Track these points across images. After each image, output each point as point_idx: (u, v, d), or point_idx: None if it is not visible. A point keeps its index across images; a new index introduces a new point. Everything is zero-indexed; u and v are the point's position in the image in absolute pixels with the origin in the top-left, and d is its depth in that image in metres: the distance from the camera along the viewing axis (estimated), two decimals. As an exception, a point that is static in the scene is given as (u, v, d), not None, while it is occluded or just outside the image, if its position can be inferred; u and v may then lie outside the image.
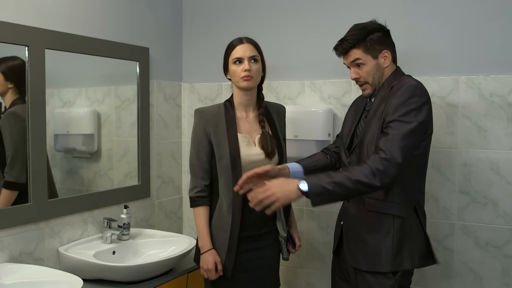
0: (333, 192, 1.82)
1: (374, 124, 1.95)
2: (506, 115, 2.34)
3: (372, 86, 2.04)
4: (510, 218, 2.35)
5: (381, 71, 2.02)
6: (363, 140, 1.99)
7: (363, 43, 2.00)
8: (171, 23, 3.09)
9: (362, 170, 1.81)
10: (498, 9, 2.34)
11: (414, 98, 1.87)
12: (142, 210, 2.88)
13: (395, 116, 1.86)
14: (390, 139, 1.83)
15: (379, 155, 1.81)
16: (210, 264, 2.10)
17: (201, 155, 2.16)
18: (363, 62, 2.01)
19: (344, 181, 1.81)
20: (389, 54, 2.01)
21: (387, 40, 2.03)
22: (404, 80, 1.97)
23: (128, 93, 2.85)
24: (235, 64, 2.15)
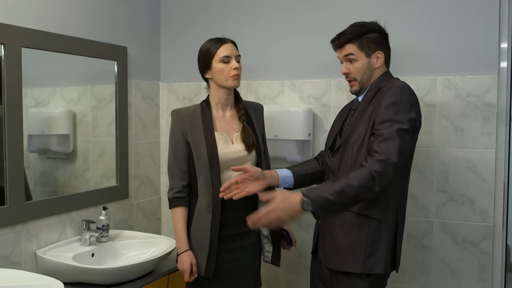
0: (336, 202, 1.78)
1: (361, 125, 1.95)
2: (482, 115, 2.39)
3: (360, 84, 2.05)
4: (486, 215, 2.41)
5: (371, 70, 2.03)
6: (348, 140, 1.99)
7: (359, 39, 2.02)
8: (149, 22, 3.06)
9: (361, 174, 1.78)
10: (475, 11, 2.39)
11: (403, 98, 1.89)
12: (121, 212, 2.84)
13: (385, 116, 1.86)
14: (383, 140, 1.82)
15: (375, 157, 1.80)
16: (186, 265, 2.10)
17: (178, 156, 2.15)
18: (356, 58, 2.03)
19: (346, 188, 1.77)
20: (382, 56, 2.03)
21: (383, 42, 2.05)
22: (392, 82, 1.98)
23: (105, 93, 2.81)
24: (222, 63, 2.13)
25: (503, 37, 2.38)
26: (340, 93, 2.66)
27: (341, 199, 1.77)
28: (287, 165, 2.73)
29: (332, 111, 2.70)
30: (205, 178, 2.12)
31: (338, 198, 1.77)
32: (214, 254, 2.11)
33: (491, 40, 2.38)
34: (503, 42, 2.38)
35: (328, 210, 1.81)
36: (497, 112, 2.38)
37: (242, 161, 2.17)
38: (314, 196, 1.77)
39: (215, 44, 2.16)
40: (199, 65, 2.21)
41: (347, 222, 1.97)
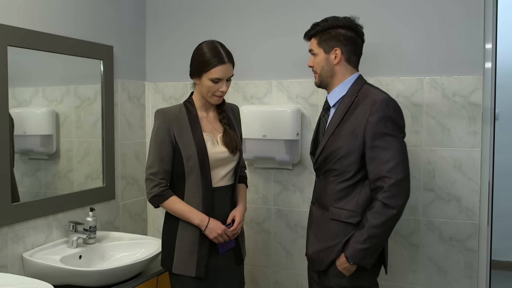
0: (372, 247, 1.89)
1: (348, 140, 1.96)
2: (468, 115, 2.44)
3: (320, 78, 2.10)
4: (472, 213, 2.46)
5: (330, 66, 2.05)
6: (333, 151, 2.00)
7: (320, 34, 2.06)
8: (134, 21, 3.03)
9: (377, 210, 1.87)
10: (460, 13, 2.43)
11: (390, 111, 1.93)
12: (107, 213, 2.80)
13: (378, 133, 1.90)
14: (384, 161, 1.88)
15: (385, 183, 1.86)
16: (220, 230, 2.09)
17: (162, 156, 2.11)
18: (315, 53, 2.09)
19: (372, 231, 1.88)
20: (340, 53, 2.03)
21: (347, 39, 2.03)
22: (372, 94, 1.99)
23: (89, 93, 2.77)
24: (212, 82, 2.10)
25: (488, 38, 2.43)
26: (327, 93, 2.68)
27: (374, 241, 1.89)
28: (275, 164, 2.75)
29: (319, 111, 2.70)
30: (195, 178, 2.11)
31: (371, 243, 1.88)
32: (206, 254, 2.10)
33: (476, 41, 2.42)
34: (487, 43, 2.43)
35: (371, 256, 1.91)
36: (482, 111, 2.42)
37: (228, 161, 2.18)
38: (350, 253, 1.91)
39: (213, 59, 2.08)
40: (191, 65, 2.17)
41: (333, 229, 2.01)
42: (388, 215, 1.86)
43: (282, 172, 2.80)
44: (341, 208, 1.98)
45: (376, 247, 1.90)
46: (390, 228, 1.92)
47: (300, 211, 2.78)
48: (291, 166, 2.76)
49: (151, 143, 2.15)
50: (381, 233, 1.88)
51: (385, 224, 1.87)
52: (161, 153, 2.12)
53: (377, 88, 2.06)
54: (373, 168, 1.91)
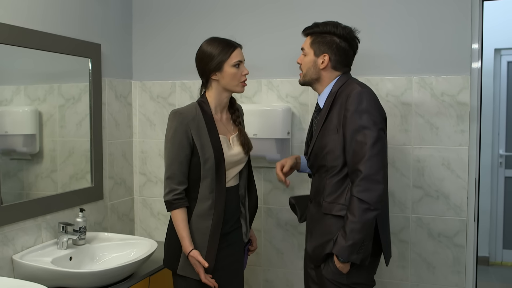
0: (356, 242, 1.89)
1: (331, 135, 2.01)
2: (456, 113, 2.49)
3: (304, 77, 2.14)
4: (460, 210, 2.51)
5: (316, 69, 2.09)
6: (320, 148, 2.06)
7: (315, 36, 2.09)
8: (121, 19, 2.99)
9: (352, 205, 1.90)
10: (448, 15, 2.49)
11: (363, 103, 1.94)
12: (95, 213, 2.76)
13: (352, 126, 1.93)
14: (357, 155, 1.91)
15: (357, 177, 1.89)
16: (197, 266, 2.07)
17: (181, 159, 2.09)
18: (306, 53, 2.12)
19: (352, 226, 1.89)
20: (327, 59, 2.06)
21: (339, 49, 2.06)
22: (349, 87, 2.02)
23: (73, 91, 2.72)
24: (235, 67, 2.10)
25: (474, 38, 2.49)
26: (318, 92, 2.70)
27: (356, 236, 1.89)
28: (266, 163, 2.76)
29: (310, 110, 2.73)
30: (210, 181, 2.09)
31: (353, 238, 1.89)
32: (214, 257, 2.10)
33: (464, 42, 2.48)
34: (474, 43, 2.49)
35: (358, 251, 1.92)
36: (470, 111, 2.48)
37: (240, 162, 2.19)
38: (338, 251, 1.93)
39: (228, 47, 2.11)
40: (205, 66, 2.12)
41: (327, 224, 2.03)
42: (362, 209, 1.87)
43: (272, 170, 2.81)
44: (333, 202, 2.01)
45: (360, 242, 1.90)
46: (369, 222, 1.90)
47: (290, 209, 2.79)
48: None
49: (168, 145, 2.11)
50: (360, 228, 1.88)
51: (361, 218, 1.87)
52: (179, 156, 2.09)
53: (357, 82, 2.06)
54: (349, 161, 1.95)
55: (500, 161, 4.84)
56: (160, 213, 3.06)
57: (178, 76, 2.97)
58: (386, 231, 2.08)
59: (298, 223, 2.79)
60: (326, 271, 2.02)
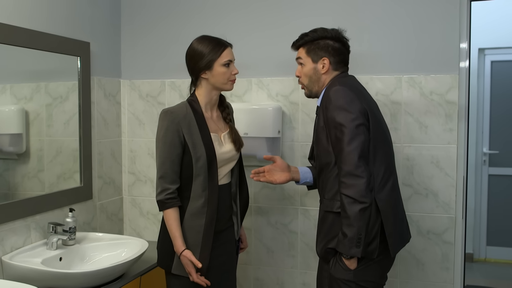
0: (353, 236, 1.92)
1: (321, 134, 2.06)
2: (445, 112, 2.53)
3: (308, 88, 2.16)
4: (449, 207, 2.55)
5: (317, 76, 2.11)
6: (316, 147, 2.12)
7: (309, 44, 2.11)
8: (109, 17, 2.96)
9: (342, 202, 1.93)
10: (437, 13, 2.52)
11: (339, 101, 1.97)
12: (84, 213, 2.74)
13: (331, 124, 1.97)
14: (339, 151, 1.94)
15: (340, 174, 1.93)
16: (189, 266, 2.07)
17: (173, 157, 2.09)
18: (303, 63, 2.13)
19: (346, 222, 1.93)
20: (328, 63, 2.09)
21: (335, 50, 2.09)
22: (331, 86, 2.04)
23: (60, 90, 2.69)
24: (225, 67, 2.11)
25: (462, 38, 2.52)
26: (308, 91, 2.71)
27: (352, 230, 1.92)
28: (256, 162, 2.77)
29: (300, 109, 2.74)
30: (203, 180, 2.09)
31: (350, 232, 1.92)
32: (208, 256, 2.09)
33: (452, 42, 2.51)
34: (462, 43, 2.52)
35: (358, 245, 1.94)
36: (458, 109, 2.52)
37: (231, 160, 2.21)
38: (339, 247, 1.97)
39: (218, 46, 2.12)
40: (195, 64, 2.13)
41: (329, 221, 2.06)
42: (349, 203, 1.91)
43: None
44: (332, 199, 2.04)
45: (355, 235, 1.91)
46: (357, 215, 1.90)
47: (281, 208, 2.81)
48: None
49: (159, 145, 2.11)
50: (352, 221, 1.91)
51: (350, 213, 1.90)
52: (171, 154, 2.08)
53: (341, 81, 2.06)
54: (336, 159, 2.00)
55: (484, 159, 4.92)
56: (149, 213, 3.05)
57: (167, 75, 2.96)
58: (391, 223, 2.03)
59: (289, 222, 2.81)
60: (334, 270, 2.04)
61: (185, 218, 2.12)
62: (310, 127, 2.68)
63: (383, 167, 2.03)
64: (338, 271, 2.02)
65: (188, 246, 2.10)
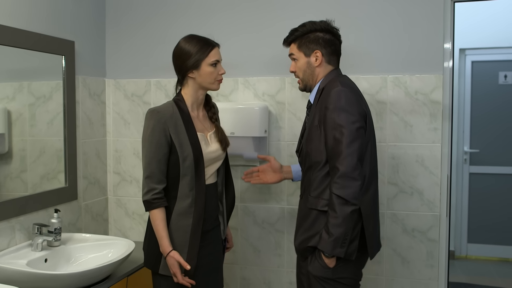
0: (339, 236, 1.93)
1: (314, 132, 2.06)
2: (429, 112, 2.56)
3: (303, 82, 2.16)
4: (433, 205, 2.58)
5: (311, 69, 2.12)
6: (307, 145, 2.11)
7: (299, 39, 2.12)
8: (93, 16, 2.93)
9: (332, 201, 1.94)
10: (422, 14, 2.55)
11: (341, 102, 1.98)
12: (69, 214, 2.71)
13: (330, 125, 1.97)
14: (334, 153, 1.95)
15: (335, 175, 1.94)
16: (175, 267, 2.05)
17: (159, 157, 2.07)
18: (296, 58, 2.14)
19: (333, 221, 1.93)
20: (320, 55, 2.10)
21: (326, 42, 2.11)
22: (332, 84, 2.05)
23: (44, 89, 2.65)
24: (212, 66, 2.11)
25: (446, 38, 2.56)
26: (294, 91, 2.72)
27: (338, 230, 1.93)
28: (243, 161, 2.77)
29: (286, 108, 2.75)
30: (190, 179, 2.09)
31: (336, 232, 1.93)
32: (195, 255, 2.09)
33: (436, 42, 2.55)
34: (446, 43, 2.56)
35: (342, 245, 1.95)
36: (442, 109, 2.55)
37: (218, 159, 2.21)
38: (322, 246, 1.97)
39: (206, 46, 2.12)
40: (182, 63, 2.12)
41: (312, 219, 2.07)
42: (341, 204, 1.92)
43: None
44: (318, 197, 2.04)
45: (342, 235, 1.93)
46: (348, 216, 1.92)
47: (267, 207, 2.82)
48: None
49: (146, 144, 2.09)
50: (341, 222, 1.92)
51: (341, 213, 1.91)
52: (157, 154, 2.07)
53: (341, 80, 2.08)
54: (329, 158, 2.00)
55: (465, 158, 5.00)
56: (135, 213, 3.03)
57: (153, 74, 2.94)
58: (372, 226, 2.09)
59: (275, 221, 2.82)
60: (313, 267, 2.04)
61: (172, 218, 2.11)
62: (297, 126, 2.70)
63: (368, 170, 2.06)
64: (317, 268, 2.03)
65: (175, 246, 2.09)
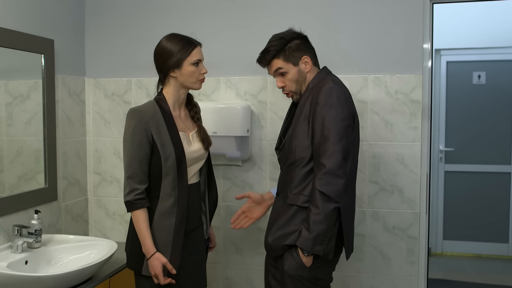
0: (319, 234, 1.93)
1: (301, 127, 2.06)
2: (409, 111, 2.60)
3: (297, 93, 2.15)
4: (413, 203, 2.63)
5: (303, 76, 2.12)
6: (291, 141, 2.10)
7: (282, 52, 2.10)
8: (73, 14, 2.89)
9: (315, 197, 1.94)
10: (401, 15, 2.59)
11: (332, 99, 1.99)
12: (49, 215, 2.67)
13: (319, 121, 1.98)
14: (321, 149, 1.96)
15: (320, 171, 1.94)
16: (158, 269, 2.04)
17: (141, 157, 2.06)
18: (286, 71, 2.12)
19: (314, 218, 1.93)
20: (309, 59, 2.12)
21: (305, 46, 2.13)
22: (324, 82, 2.07)
23: (21, 89, 2.61)
24: (193, 65, 2.10)
25: (426, 39, 2.60)
26: (276, 90, 2.73)
27: (319, 227, 1.93)
28: (225, 161, 2.77)
29: (268, 108, 2.76)
30: (172, 179, 2.08)
31: (316, 230, 1.93)
32: (179, 256, 2.08)
33: (416, 42, 2.59)
34: (425, 44, 2.60)
35: (321, 243, 1.95)
36: (422, 108, 2.60)
37: (200, 159, 2.21)
38: (301, 243, 1.96)
39: (188, 45, 2.11)
40: (164, 62, 2.10)
41: (291, 215, 2.07)
42: (324, 201, 1.92)
43: (231, 168, 2.82)
44: (298, 194, 2.05)
45: (323, 233, 1.93)
46: (330, 213, 1.94)
47: (250, 206, 2.82)
48: (241, 162, 2.79)
49: (127, 144, 2.07)
50: (323, 219, 1.92)
51: (323, 210, 1.92)
52: (139, 154, 2.06)
53: (333, 78, 2.10)
54: (315, 154, 2.00)
55: (440, 156, 5.09)
56: (115, 213, 3.00)
57: (134, 73, 2.92)
58: (349, 226, 2.13)
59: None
60: (288, 266, 2.04)
61: (154, 218, 2.10)
62: (279, 125, 2.70)
63: (348, 171, 2.08)
64: (293, 267, 2.03)
65: (158, 246, 2.08)
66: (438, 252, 5.15)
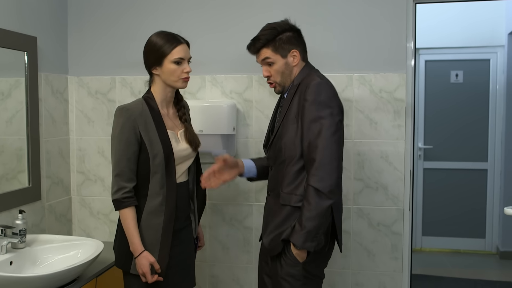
0: (312, 229, 1.94)
1: (290, 125, 2.06)
2: (393, 109, 2.64)
3: (281, 85, 2.15)
4: (397, 200, 2.67)
5: (289, 69, 2.13)
6: (279, 139, 2.11)
7: (272, 42, 2.10)
8: (55, 11, 2.85)
9: (308, 193, 1.94)
10: (385, 14, 2.63)
11: (321, 95, 2.00)
12: (32, 215, 2.63)
13: (309, 116, 1.98)
14: (313, 146, 1.96)
15: (312, 166, 1.94)
16: (145, 267, 2.03)
17: (129, 155, 2.05)
18: (273, 61, 2.12)
19: (307, 215, 1.94)
20: (298, 53, 2.13)
21: (296, 39, 2.14)
22: (309, 78, 2.08)
23: (2, 87, 2.57)
24: (174, 64, 2.07)
25: (409, 38, 2.65)
26: (262, 88, 2.75)
27: (311, 224, 1.93)
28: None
29: (254, 106, 2.77)
30: (160, 177, 2.07)
31: (309, 226, 1.93)
32: (167, 255, 2.08)
33: (399, 42, 2.63)
34: (408, 43, 2.65)
35: (314, 239, 1.95)
36: (406, 106, 2.64)
37: (189, 157, 2.20)
38: (294, 239, 1.97)
39: (170, 42, 2.08)
40: (147, 59, 2.11)
41: (284, 215, 2.08)
42: (317, 197, 1.93)
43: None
44: (290, 193, 2.05)
45: (315, 229, 1.94)
46: (323, 210, 1.94)
47: (236, 204, 2.83)
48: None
49: (115, 142, 2.06)
50: (315, 215, 1.93)
51: (317, 206, 1.92)
52: (127, 152, 2.04)
53: (318, 74, 2.12)
54: (305, 151, 2.00)
55: (420, 154, 5.18)
56: (100, 213, 2.97)
57: (118, 72, 2.90)
58: (339, 219, 2.15)
59: (243, 218, 2.83)
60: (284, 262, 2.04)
61: (142, 217, 2.09)
62: (264, 123, 2.72)
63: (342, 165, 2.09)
64: (288, 265, 2.04)
65: (146, 245, 2.07)
66: (417, 248, 5.24)
